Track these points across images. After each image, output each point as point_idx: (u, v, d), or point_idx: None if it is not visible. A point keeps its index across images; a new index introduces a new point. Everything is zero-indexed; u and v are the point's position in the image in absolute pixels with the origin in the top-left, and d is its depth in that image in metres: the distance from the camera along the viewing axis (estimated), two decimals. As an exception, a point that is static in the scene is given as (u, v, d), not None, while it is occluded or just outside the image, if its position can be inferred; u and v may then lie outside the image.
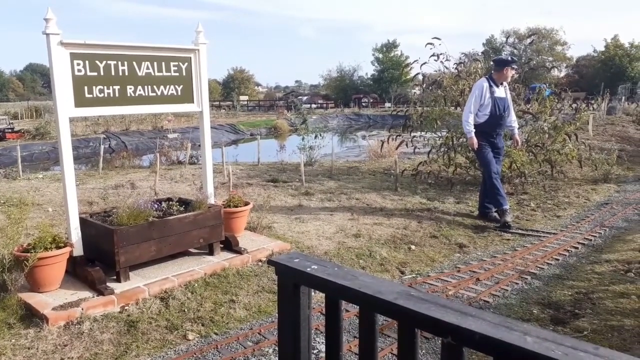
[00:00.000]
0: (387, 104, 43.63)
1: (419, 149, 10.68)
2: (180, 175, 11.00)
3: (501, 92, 6.66)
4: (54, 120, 4.50)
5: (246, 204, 5.97)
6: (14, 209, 4.49)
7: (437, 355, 3.48)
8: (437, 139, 10.08)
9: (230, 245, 5.23)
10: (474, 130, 6.54)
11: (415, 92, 13.74)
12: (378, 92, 52.91)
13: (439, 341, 3.47)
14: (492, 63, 7.23)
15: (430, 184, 9.64)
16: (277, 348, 3.58)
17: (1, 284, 4.03)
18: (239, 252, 5.17)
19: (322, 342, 3.58)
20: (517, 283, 4.70)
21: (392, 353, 3.47)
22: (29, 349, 3.49)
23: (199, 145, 14.75)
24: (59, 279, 4.23)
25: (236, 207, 5.79)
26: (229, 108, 45.37)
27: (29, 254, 3.96)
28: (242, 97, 53.84)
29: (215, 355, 3.51)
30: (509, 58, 6.59)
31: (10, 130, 22.02)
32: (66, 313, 3.80)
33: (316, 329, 3.74)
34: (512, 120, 6.93)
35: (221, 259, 4.97)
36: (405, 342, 1.46)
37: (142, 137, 23.09)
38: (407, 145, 10.49)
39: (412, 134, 10.22)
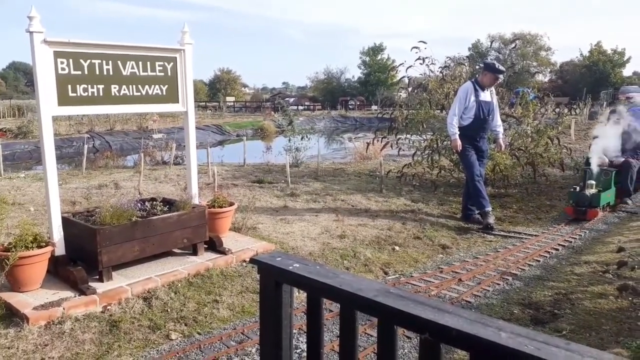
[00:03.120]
0: (374, 107, 43.78)
1: (404, 151, 10.76)
2: (164, 175, 10.93)
3: (486, 95, 6.74)
4: (37, 119, 4.45)
5: (231, 204, 5.96)
6: (-4, 207, 4.43)
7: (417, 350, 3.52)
8: (422, 141, 10.17)
9: (214, 246, 5.22)
10: (458, 132, 6.62)
11: (401, 95, 13.83)
12: (365, 95, 53.08)
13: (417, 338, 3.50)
14: (482, 65, 7.32)
15: (415, 186, 9.71)
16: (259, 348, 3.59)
17: (-20, 283, 3.98)
18: (223, 252, 5.17)
19: (304, 342, 3.60)
20: (498, 284, 4.76)
21: (374, 352, 3.50)
22: (8, 348, 3.45)
23: (184, 146, 14.64)
24: (40, 278, 4.18)
25: (221, 207, 5.78)
26: (215, 109, 45.13)
27: (9, 253, 3.91)
28: (228, 98, 53.57)
29: (198, 355, 3.50)
30: (499, 68, 6.62)
31: (-9, 129, 21.68)
32: (47, 313, 3.76)
33: (299, 328, 3.76)
34: (497, 124, 7.01)
35: (205, 260, 4.97)
36: (384, 339, 1.49)
37: (126, 137, 22.87)
38: (392, 147, 10.56)
39: (398, 136, 10.29)
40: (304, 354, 3.43)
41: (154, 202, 5.18)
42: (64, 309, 3.83)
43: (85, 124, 24.49)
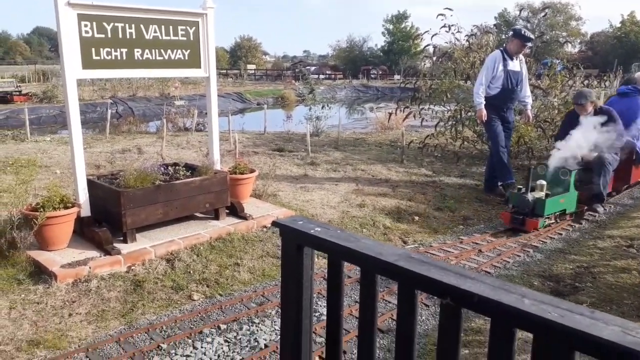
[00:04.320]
0: (396, 76, 43.11)
1: (426, 121, 10.61)
2: (186, 141, 11.02)
3: (515, 65, 6.55)
4: (62, 82, 4.49)
5: (252, 171, 6.00)
6: (23, 169, 4.53)
7: (437, 320, 3.54)
8: (446, 112, 10.01)
9: (235, 211, 5.28)
10: (484, 102, 6.47)
11: (425, 64, 13.56)
12: (387, 64, 52.26)
13: (439, 308, 3.51)
14: (510, 33, 7.08)
15: (437, 157, 9.61)
16: (279, 310, 3.66)
17: (11, 241, 4.11)
18: (244, 218, 5.23)
19: (323, 306, 3.65)
20: (519, 255, 4.73)
21: (392, 318, 3.54)
22: (38, 303, 3.58)
23: (206, 113, 14.74)
24: (67, 238, 4.30)
25: (242, 174, 5.82)
26: (236, 77, 45.00)
27: (37, 213, 4.03)
28: (249, 66, 53.33)
29: (220, 315, 3.59)
30: (527, 35, 6.41)
31: (17, 93, 21.99)
32: (74, 271, 3.89)
33: (318, 293, 3.81)
34: (526, 95, 6.82)
35: (226, 224, 5.03)
36: (405, 303, 1.49)
37: (149, 103, 23.02)
38: (414, 117, 10.43)
39: (421, 107, 10.14)
40: (322, 317, 3.48)
41: (177, 167, 5.24)
42: (90, 267, 3.95)
43: (108, 90, 24.70)
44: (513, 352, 1.23)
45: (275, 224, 1.87)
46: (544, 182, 5.47)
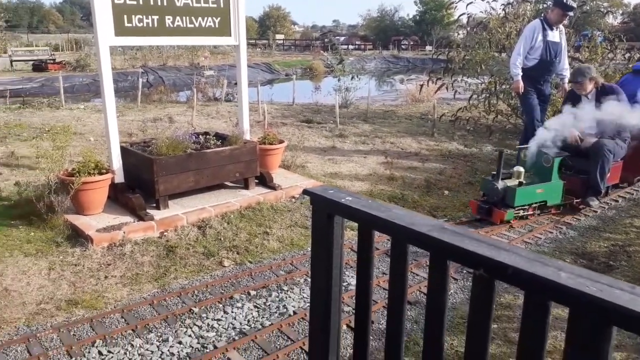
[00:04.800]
0: (428, 47, 42.10)
1: (459, 94, 10.37)
2: (216, 111, 11.09)
3: (555, 36, 6.29)
4: (95, 49, 4.54)
5: (281, 142, 6.01)
6: (59, 136, 4.64)
7: (465, 294, 3.54)
8: (479, 84, 9.75)
9: (264, 181, 5.32)
10: (520, 74, 6.27)
11: (458, 35, 13.17)
12: (419, 35, 51.06)
13: (467, 282, 3.50)
14: (550, 2, 6.78)
15: (469, 130, 9.43)
16: (308, 278, 3.71)
17: (49, 205, 4.25)
18: (273, 188, 5.27)
19: (351, 276, 3.69)
20: (551, 232, 4.65)
21: (419, 290, 3.55)
22: (75, 265, 3.72)
23: (235, 83, 14.64)
24: (102, 203, 4.43)
25: (271, 144, 5.84)
26: (264, 47, 44.74)
27: (73, 178, 4.15)
28: (277, 36, 52.87)
29: (249, 281, 3.67)
30: (569, 3, 6.11)
31: (52, 62, 22.42)
32: (109, 235, 4.01)
33: (345, 263, 3.84)
34: (564, 67, 6.57)
35: (256, 194, 5.09)
36: (436, 273, 1.48)
37: (178, 73, 23.14)
38: (447, 89, 10.21)
39: (453, 78, 9.90)
40: (350, 287, 3.52)
41: (207, 136, 5.29)
42: (124, 232, 4.07)
43: (139, 59, 24.91)
44: (547, 325, 1.21)
45: (306, 192, 1.87)
46: (521, 169, 4.82)
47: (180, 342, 2.92)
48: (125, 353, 2.82)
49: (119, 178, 4.61)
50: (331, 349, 1.90)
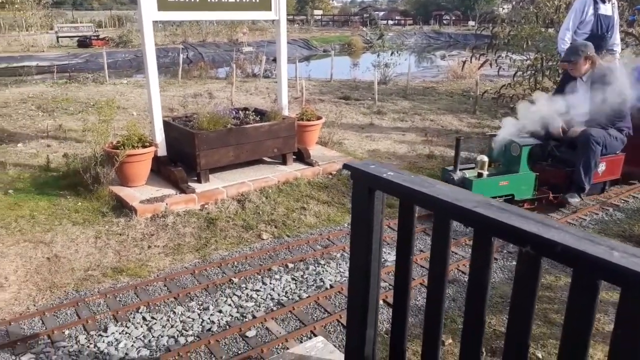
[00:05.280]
0: (471, 22, 40.77)
1: (503, 70, 10.05)
2: (254, 87, 11.14)
3: (607, 9, 5.96)
4: (138, 25, 4.61)
5: (318, 118, 6.00)
6: (104, 109, 4.77)
7: (505, 273, 3.49)
8: (525, 60, 9.41)
9: (302, 157, 5.34)
10: (569, 49, 6.00)
11: (503, 10, 12.69)
12: (461, 10, 49.44)
13: (508, 261, 3.44)
14: None
15: (512, 108, 9.14)
16: (344, 253, 3.74)
17: (95, 176, 4.40)
18: (310, 164, 5.28)
19: (387, 252, 3.69)
20: (597, 214, 4.50)
21: (457, 269, 3.52)
22: (120, 235, 3.86)
23: (273, 60, 14.62)
24: (145, 175, 4.55)
25: (309, 120, 5.83)
26: (302, 23, 44.35)
27: (118, 151, 4.27)
28: (316, 12, 52.21)
29: (287, 254, 3.72)
30: None
31: (95, 38, 22.95)
32: (152, 206, 4.13)
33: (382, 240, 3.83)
34: (615, 42, 6.23)
35: (293, 169, 5.12)
36: (480, 250, 1.46)
37: (218, 49, 23.30)
38: (490, 66, 9.90)
39: (497, 54, 9.58)
40: (387, 263, 3.52)
41: (247, 112, 5.33)
42: (166, 204, 4.18)
43: (179, 35, 25.19)
44: (595, 305, 1.18)
45: (347, 166, 1.87)
46: (484, 159, 4.27)
47: (220, 311, 3.01)
48: (167, 320, 2.92)
49: (162, 151, 4.72)
50: (369, 322, 1.91)
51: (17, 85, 10.95)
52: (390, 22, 45.27)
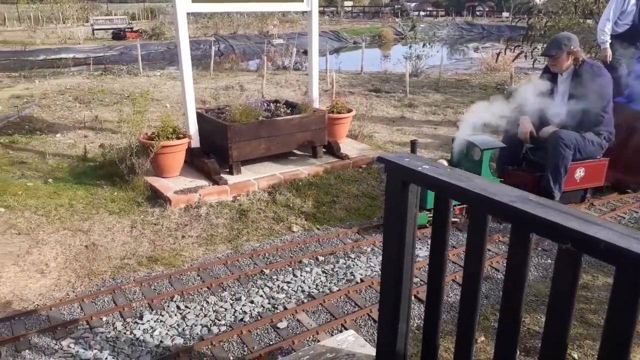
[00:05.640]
0: (505, 14, 39.82)
1: (539, 62, 9.80)
2: (285, 80, 11.17)
3: (650, -2, 5.74)
4: (172, 17, 4.67)
5: (349, 111, 5.98)
6: (139, 100, 4.87)
7: (540, 272, 3.43)
8: (561, 52, 9.14)
9: (332, 150, 5.34)
10: (609, 41, 5.80)
11: (540, 0, 12.35)
12: (495, 1, 48.36)
13: (543, 259, 3.36)
14: None
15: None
16: (375, 247, 3.73)
17: (130, 167, 4.51)
18: (340, 157, 5.27)
19: (419, 248, 3.66)
20: (636, 212, 4.36)
21: (490, 266, 3.47)
22: (155, 224, 3.95)
23: (303, 52, 14.58)
24: (179, 167, 4.64)
25: (339, 113, 5.82)
26: (332, 14, 44.14)
27: (153, 142, 4.36)
28: (346, 3, 51.85)
29: (317, 247, 3.74)
30: None
31: (129, 30, 23.39)
32: (186, 197, 4.21)
33: (414, 235, 3.81)
34: None
35: (323, 162, 5.12)
36: (518, 246, 1.43)
37: (248, 41, 23.42)
38: (525, 58, 9.68)
39: (533, 46, 9.34)
40: (418, 259, 3.50)
41: (278, 104, 5.35)
42: (200, 195, 4.25)
43: (210, 28, 25.41)
44: (638, 305, 1.15)
45: (380, 159, 1.86)
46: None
47: (252, 302, 3.05)
48: (201, 309, 2.98)
49: (195, 143, 4.79)
50: (401, 317, 1.91)
51: (55, 77, 11.27)
52: (422, 13, 44.57)
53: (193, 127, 4.75)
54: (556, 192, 4.06)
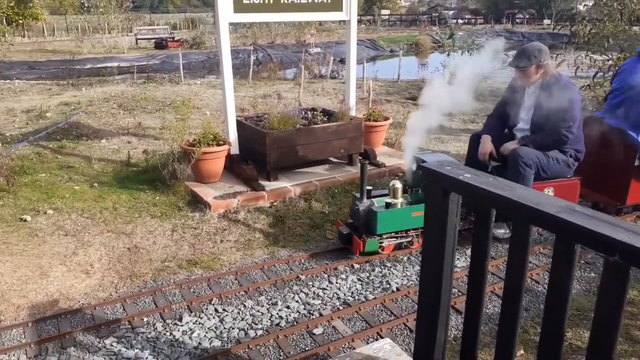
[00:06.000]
0: (546, 21, 38.98)
1: (581, 71, 9.53)
2: (321, 88, 11.24)
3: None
4: (215, 27, 4.78)
5: (386, 119, 5.97)
6: (181, 107, 5.02)
7: (582, 285, 3.33)
8: (606, 60, 8.87)
9: (368, 158, 5.34)
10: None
11: (585, 7, 12.03)
12: (535, 8, 47.36)
13: (585, 272, 3.26)
14: None
15: (592, 110, 8.65)
16: (411, 257, 3.71)
17: (172, 172, 4.63)
18: (376, 165, 5.27)
19: (457, 258, 3.61)
20: None
21: (531, 278, 3.39)
22: (195, 228, 4.04)
23: (339, 61, 14.59)
24: (219, 173, 4.74)
25: (376, 121, 5.82)
26: (369, 23, 44.20)
27: (194, 148, 4.47)
28: (383, 11, 51.86)
29: (353, 255, 3.73)
30: None
31: (171, 40, 24.09)
32: (225, 202, 4.29)
33: (451, 244, 3.76)
34: None
35: (359, 170, 5.11)
36: (562, 258, 1.40)
37: (286, 50, 23.71)
38: (567, 66, 9.42)
39: (576, 54, 9.10)
40: (456, 270, 3.45)
41: (315, 112, 5.40)
42: (238, 201, 4.33)
43: (249, 37, 25.87)
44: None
45: (421, 167, 1.86)
46: (397, 185, 3.67)
47: (288, 307, 3.08)
48: (238, 312, 3.03)
49: (234, 150, 4.89)
50: (439, 326, 1.89)
51: (100, 85, 11.70)
52: (460, 21, 44.10)
53: (233, 134, 4.85)
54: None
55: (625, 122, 4.02)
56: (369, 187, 3.78)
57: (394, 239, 3.69)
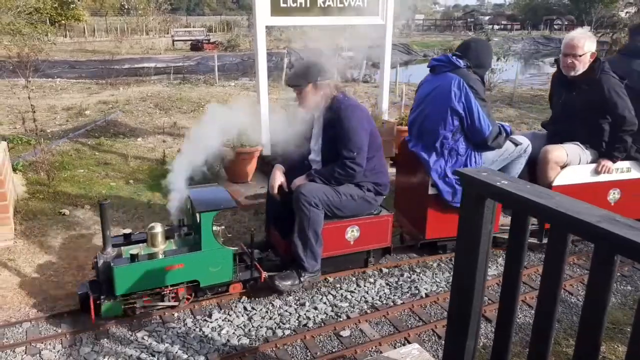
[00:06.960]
0: (585, 27, 38.03)
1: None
2: (353, 92, 11.24)
3: None
4: (250, 29, 4.85)
5: (419, 123, 5.91)
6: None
7: (617, 298, 3.23)
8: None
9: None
10: None
11: (627, 14, 11.69)
12: (575, 14, 46.25)
13: (621, 285, 3.18)
14: None
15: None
16: (441, 263, 3.67)
17: (205, 172, 4.70)
18: (409, 169, 5.23)
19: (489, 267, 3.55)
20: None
21: (564, 289, 3.31)
22: (226, 227, 4.09)
23: (372, 65, 14.53)
24: (251, 173, 4.80)
25: (408, 125, 5.78)
26: (403, 27, 44.03)
27: (228, 149, 4.54)
28: (417, 16, 51.58)
29: (381, 259, 3.71)
30: None
31: (207, 42, 24.51)
32: (255, 202, 4.34)
33: (483, 252, 3.71)
34: None
35: (391, 175, 5.09)
36: (600, 269, 1.37)
37: (318, 54, 23.82)
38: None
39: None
40: (487, 278, 3.39)
41: (347, 115, 5.40)
42: (268, 201, 4.37)
43: (282, 40, 26.09)
44: None
45: (457, 172, 1.84)
46: (156, 229, 2.95)
47: (315, 308, 3.09)
48: (266, 312, 3.05)
49: (266, 151, 4.94)
50: (470, 333, 1.87)
51: (137, 85, 12.00)
52: (496, 26, 43.46)
53: (265, 136, 4.90)
54: (306, 260, 3.13)
55: (419, 144, 3.63)
56: (127, 231, 3.09)
57: (153, 297, 2.89)
